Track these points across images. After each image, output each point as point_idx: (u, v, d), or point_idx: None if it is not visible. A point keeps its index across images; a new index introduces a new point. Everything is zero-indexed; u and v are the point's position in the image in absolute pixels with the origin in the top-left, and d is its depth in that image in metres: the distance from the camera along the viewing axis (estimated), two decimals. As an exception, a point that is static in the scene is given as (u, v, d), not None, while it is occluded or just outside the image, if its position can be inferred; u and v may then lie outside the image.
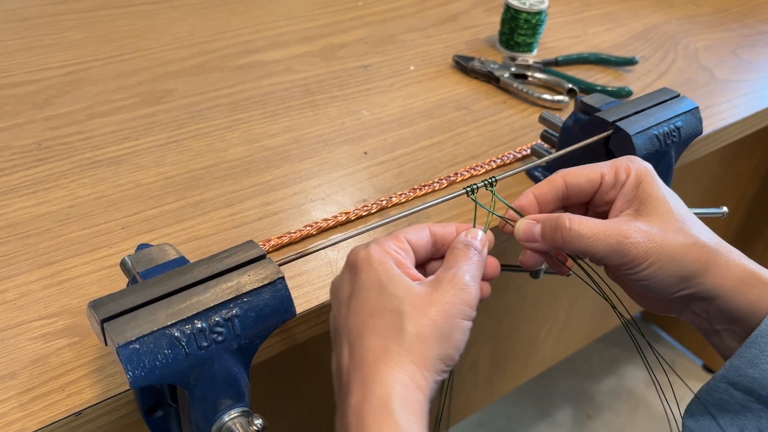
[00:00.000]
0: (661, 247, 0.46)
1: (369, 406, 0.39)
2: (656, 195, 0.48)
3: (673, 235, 0.46)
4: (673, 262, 0.46)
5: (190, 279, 0.41)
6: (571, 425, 1.54)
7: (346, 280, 0.46)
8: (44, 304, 0.52)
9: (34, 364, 0.48)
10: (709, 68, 0.93)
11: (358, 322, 0.43)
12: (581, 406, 1.58)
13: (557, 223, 0.47)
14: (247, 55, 0.86)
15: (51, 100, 0.74)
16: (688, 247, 0.46)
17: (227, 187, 0.65)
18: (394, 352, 0.41)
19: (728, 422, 0.48)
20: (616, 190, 0.50)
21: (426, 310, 0.42)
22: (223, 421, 0.42)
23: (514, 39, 0.91)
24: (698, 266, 0.46)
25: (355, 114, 0.77)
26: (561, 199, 0.51)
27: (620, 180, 0.50)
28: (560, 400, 1.59)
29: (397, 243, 0.46)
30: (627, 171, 0.50)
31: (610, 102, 0.62)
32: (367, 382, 0.40)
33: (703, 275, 0.46)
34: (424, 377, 0.41)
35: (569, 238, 0.47)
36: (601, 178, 0.50)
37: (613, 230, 0.46)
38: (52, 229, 0.58)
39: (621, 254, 0.46)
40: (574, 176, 0.50)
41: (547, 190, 0.51)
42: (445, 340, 0.42)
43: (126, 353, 0.37)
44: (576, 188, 0.51)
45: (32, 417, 0.45)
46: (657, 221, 0.47)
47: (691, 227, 0.47)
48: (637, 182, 0.49)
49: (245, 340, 0.41)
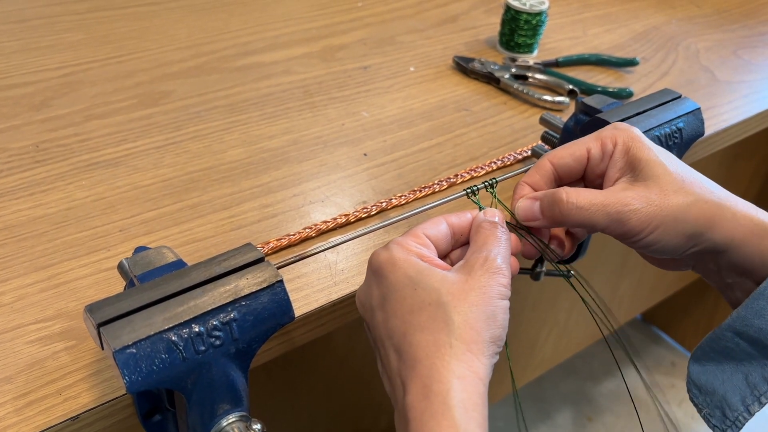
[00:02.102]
0: (661, 209, 0.45)
1: (427, 403, 0.39)
2: (648, 158, 0.48)
3: (673, 195, 0.46)
4: (677, 223, 0.46)
5: (188, 282, 0.40)
6: (571, 427, 1.54)
7: (374, 287, 0.45)
8: (41, 308, 0.52)
9: (31, 368, 0.47)
10: (710, 69, 0.92)
11: (398, 323, 0.43)
12: (581, 408, 1.57)
13: (554, 197, 0.47)
14: (246, 56, 0.85)
15: (48, 101, 0.74)
16: (690, 205, 0.46)
17: (225, 189, 0.64)
18: (446, 344, 0.40)
19: (733, 369, 0.48)
20: (605, 161, 0.49)
21: (466, 297, 0.42)
22: (221, 426, 0.42)
23: (515, 40, 0.91)
24: (703, 222, 0.46)
25: (354, 115, 0.77)
26: (553, 182, 0.51)
27: (607, 151, 0.49)
28: (560, 403, 1.58)
29: (415, 239, 0.46)
30: (613, 140, 0.49)
31: (611, 103, 0.62)
32: (423, 378, 0.40)
33: (710, 230, 0.46)
34: (481, 363, 0.41)
35: (567, 211, 0.47)
36: (587, 153, 0.50)
37: (611, 199, 0.46)
38: (49, 231, 0.58)
39: (621, 222, 0.46)
40: (560, 157, 0.50)
41: (538, 177, 0.50)
42: (491, 321, 0.42)
43: (122, 358, 0.36)
44: (565, 168, 0.50)
45: (28, 422, 0.44)
46: (654, 184, 0.46)
47: (692, 184, 0.47)
48: (625, 149, 0.48)
49: (243, 344, 0.41)
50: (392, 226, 0.60)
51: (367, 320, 0.47)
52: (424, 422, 0.39)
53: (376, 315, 0.45)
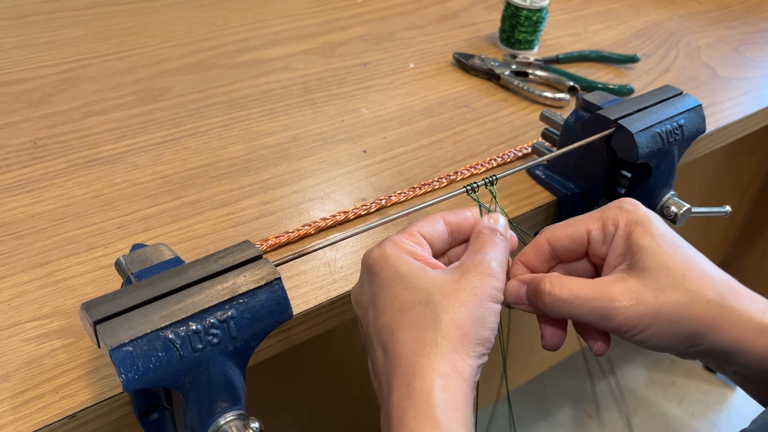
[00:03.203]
0: (655, 309, 0.42)
1: (410, 401, 0.39)
2: (648, 246, 0.43)
3: (669, 292, 0.42)
4: (671, 324, 0.42)
5: (185, 280, 0.40)
6: (571, 425, 1.53)
7: (366, 284, 0.45)
8: (38, 305, 0.51)
9: (28, 365, 0.47)
10: (711, 66, 0.92)
11: (387, 319, 0.42)
12: (582, 405, 1.57)
13: (538, 287, 0.44)
14: (245, 52, 0.85)
15: (47, 98, 0.73)
16: (688, 305, 0.42)
17: (224, 186, 0.64)
18: (432, 342, 0.40)
19: None
20: (606, 245, 0.46)
21: (456, 297, 0.41)
22: (219, 425, 0.41)
23: (515, 36, 0.91)
24: (703, 324, 0.42)
25: (354, 112, 0.76)
26: (551, 260, 0.48)
27: (608, 234, 0.46)
28: (560, 400, 1.58)
29: (410, 237, 0.46)
30: (615, 223, 0.45)
31: (611, 100, 0.62)
32: (407, 376, 0.40)
33: (710, 333, 0.42)
34: (466, 363, 0.40)
35: (550, 303, 0.44)
36: (587, 235, 0.46)
37: (597, 293, 0.43)
38: (47, 228, 0.58)
39: (608, 319, 0.42)
40: (557, 237, 0.47)
41: (533, 255, 0.48)
42: (480, 323, 0.41)
43: (119, 356, 0.36)
44: (562, 249, 0.47)
45: (25, 420, 0.44)
46: (650, 278, 0.43)
47: (694, 279, 0.43)
48: (626, 234, 0.45)
49: (241, 342, 0.40)
50: (392, 223, 0.60)
51: (360, 317, 0.46)
52: (406, 422, 0.38)
53: (367, 312, 0.44)
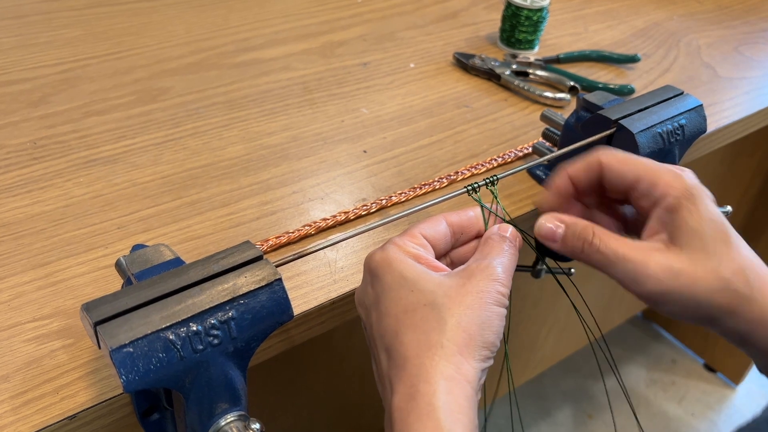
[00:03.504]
0: (684, 287, 0.43)
1: (414, 404, 0.39)
2: (695, 228, 0.43)
3: (702, 277, 0.43)
4: (696, 305, 0.43)
5: (186, 281, 0.40)
6: (571, 425, 1.53)
7: (370, 287, 0.45)
8: (38, 306, 0.51)
9: (28, 366, 0.47)
10: (711, 66, 0.92)
11: (391, 321, 0.42)
12: (582, 405, 1.57)
13: (582, 233, 0.45)
14: (245, 52, 0.85)
15: (46, 98, 0.73)
16: (715, 292, 0.43)
17: (224, 187, 0.64)
18: (437, 344, 0.40)
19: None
20: (649, 201, 0.46)
21: (462, 300, 0.41)
22: (220, 425, 0.41)
23: (515, 36, 0.91)
24: (723, 311, 0.43)
25: (354, 112, 0.76)
26: (595, 184, 0.48)
27: (653, 195, 0.45)
28: (561, 400, 1.58)
29: (412, 239, 0.46)
30: (665, 191, 0.45)
31: (612, 100, 0.62)
32: (411, 378, 0.39)
33: (730, 318, 0.43)
34: (471, 366, 0.40)
35: (589, 251, 0.45)
36: (634, 182, 0.46)
37: (636, 256, 0.43)
38: (47, 229, 0.58)
39: (637, 284, 0.43)
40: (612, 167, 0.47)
41: (583, 173, 0.48)
42: (485, 326, 0.41)
43: (119, 357, 0.36)
44: (612, 174, 0.47)
45: (25, 421, 0.44)
46: (687, 259, 0.43)
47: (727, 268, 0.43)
48: (675, 206, 0.44)
49: (241, 343, 0.40)
50: (392, 223, 0.60)
51: (364, 320, 0.46)
52: (410, 424, 0.38)
53: (371, 314, 0.44)
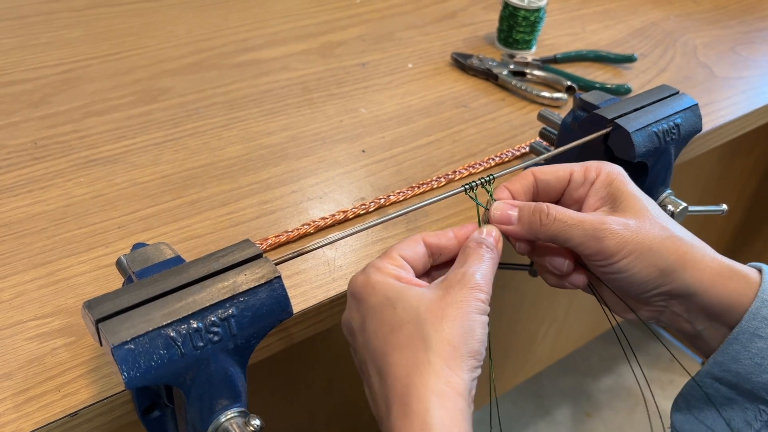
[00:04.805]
0: (637, 236, 0.46)
1: (408, 422, 0.39)
2: (630, 192, 0.49)
3: (650, 227, 0.47)
4: (651, 253, 0.46)
5: (186, 278, 0.40)
6: (570, 423, 1.54)
7: (354, 311, 0.46)
8: (40, 304, 0.52)
9: (30, 364, 0.47)
10: (708, 65, 0.92)
11: (378, 343, 0.43)
12: (580, 404, 1.58)
13: (536, 207, 0.48)
14: (245, 53, 0.85)
15: (47, 98, 0.74)
16: (665, 239, 0.46)
17: (224, 186, 0.64)
18: (424, 361, 0.40)
19: (715, 415, 0.49)
20: (585, 187, 0.50)
21: (443, 312, 0.42)
22: (220, 422, 0.42)
23: (513, 36, 0.91)
24: (676, 259, 0.46)
25: (352, 112, 0.77)
26: (531, 195, 0.52)
27: (589, 178, 0.50)
28: (559, 399, 1.58)
29: (391, 261, 0.46)
30: (597, 171, 0.50)
31: (608, 99, 0.62)
32: (404, 397, 0.40)
33: (681, 270, 0.46)
34: (460, 378, 0.40)
35: (546, 222, 0.47)
36: (569, 176, 0.51)
37: (589, 217, 0.47)
38: (48, 228, 0.58)
39: (597, 240, 0.46)
40: (543, 172, 0.51)
41: (519, 186, 0.51)
42: (469, 336, 0.42)
43: (121, 354, 0.36)
44: (544, 184, 0.51)
45: (27, 418, 0.44)
46: (632, 216, 0.47)
47: (668, 222, 0.48)
48: (608, 181, 0.50)
49: (241, 340, 0.41)
50: (390, 222, 0.61)
51: (352, 343, 0.47)
52: None
53: (357, 338, 0.45)
